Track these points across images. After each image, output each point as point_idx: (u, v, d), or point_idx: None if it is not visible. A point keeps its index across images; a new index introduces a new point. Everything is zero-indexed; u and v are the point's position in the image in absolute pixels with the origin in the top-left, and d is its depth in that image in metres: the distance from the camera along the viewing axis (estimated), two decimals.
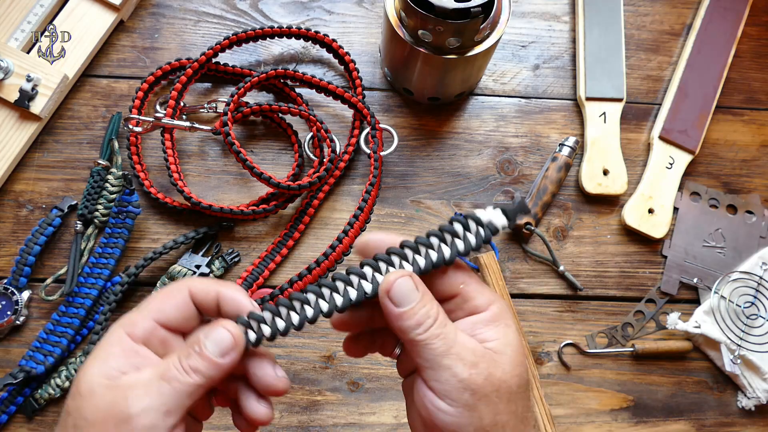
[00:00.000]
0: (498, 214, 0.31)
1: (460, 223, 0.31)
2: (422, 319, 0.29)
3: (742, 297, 0.58)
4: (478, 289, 0.32)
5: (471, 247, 0.31)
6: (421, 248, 0.31)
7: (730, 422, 0.57)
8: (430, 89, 0.60)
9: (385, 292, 0.30)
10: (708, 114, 0.64)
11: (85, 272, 0.55)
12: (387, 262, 0.31)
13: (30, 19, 0.59)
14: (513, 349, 0.30)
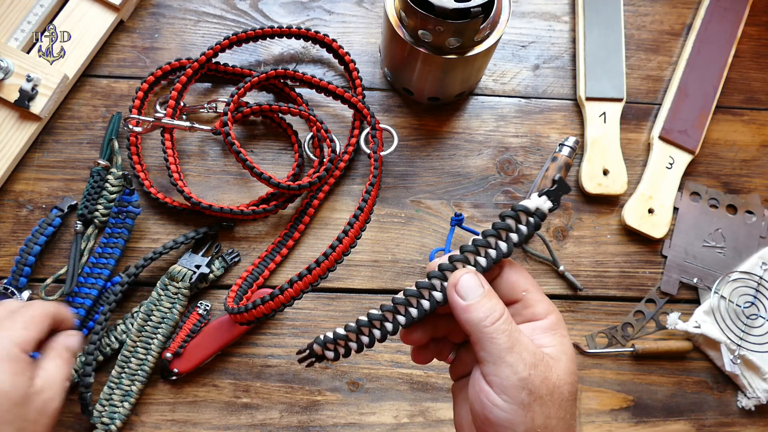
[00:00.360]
0: (543, 200, 0.33)
1: (512, 218, 0.33)
2: (488, 312, 0.31)
3: (742, 297, 0.58)
4: (539, 297, 0.33)
5: (524, 238, 0.33)
6: (480, 249, 0.33)
7: (730, 422, 0.57)
8: (430, 89, 0.60)
9: (453, 286, 0.32)
10: (708, 114, 0.64)
11: (85, 272, 0.55)
12: (451, 270, 0.33)
13: (30, 19, 0.59)
14: (568, 357, 0.32)
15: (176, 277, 0.55)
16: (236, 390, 0.55)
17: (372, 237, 0.59)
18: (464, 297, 0.31)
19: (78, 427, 0.53)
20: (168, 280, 0.55)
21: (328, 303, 0.57)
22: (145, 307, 0.54)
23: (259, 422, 0.54)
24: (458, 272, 0.32)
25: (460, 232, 0.59)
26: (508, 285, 0.34)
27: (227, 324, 0.54)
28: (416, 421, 0.55)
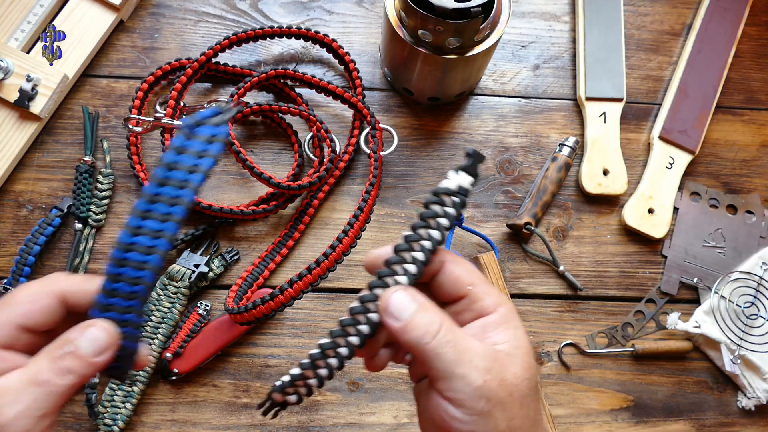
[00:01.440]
0: (462, 176, 0.32)
1: (436, 203, 0.31)
2: (426, 326, 0.29)
3: (742, 297, 0.58)
4: (486, 290, 0.31)
5: (453, 219, 0.31)
6: (413, 245, 0.31)
7: (730, 422, 0.57)
8: (430, 89, 0.60)
9: (383, 312, 0.30)
10: (708, 114, 0.64)
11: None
12: (382, 286, 0.31)
13: (30, 19, 0.59)
14: (523, 351, 0.30)
15: (175, 276, 0.55)
16: (236, 390, 0.55)
17: (372, 237, 0.59)
18: (398, 317, 0.29)
19: (78, 428, 0.53)
20: (167, 279, 0.55)
21: (328, 303, 0.57)
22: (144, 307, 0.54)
23: (259, 422, 0.54)
24: (386, 293, 0.30)
25: (460, 232, 0.59)
26: (452, 280, 0.32)
27: (227, 324, 0.54)
28: (416, 421, 0.55)
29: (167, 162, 0.29)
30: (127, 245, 0.29)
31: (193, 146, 0.29)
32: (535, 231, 0.58)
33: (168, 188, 0.29)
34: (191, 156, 0.29)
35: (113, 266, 0.29)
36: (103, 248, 0.56)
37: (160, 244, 0.29)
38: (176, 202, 0.29)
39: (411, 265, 0.31)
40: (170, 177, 0.29)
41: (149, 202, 0.29)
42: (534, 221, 0.59)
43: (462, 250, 0.59)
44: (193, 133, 0.29)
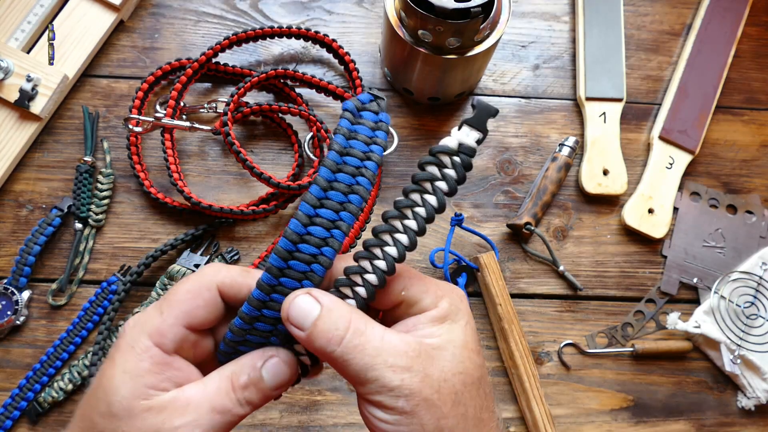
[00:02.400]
0: (465, 131, 0.27)
1: (433, 164, 0.27)
2: (330, 333, 0.26)
3: (742, 297, 0.58)
4: (423, 289, 0.29)
5: (454, 184, 0.27)
6: (405, 211, 0.27)
7: (730, 422, 0.57)
8: (430, 89, 0.60)
9: (286, 319, 0.27)
10: (708, 114, 0.64)
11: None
12: (369, 257, 0.28)
13: (30, 19, 0.59)
14: (456, 344, 0.27)
15: (175, 276, 0.55)
16: None
17: None
18: (301, 326, 0.26)
19: None
20: (167, 279, 0.55)
21: None
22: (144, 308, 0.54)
23: (259, 422, 0.54)
24: (289, 298, 0.27)
25: (460, 232, 0.59)
26: (382, 292, 0.29)
27: None
28: None
29: (339, 147, 0.27)
30: (300, 237, 0.27)
31: (361, 131, 0.27)
32: (535, 231, 0.58)
33: (343, 175, 0.27)
34: (361, 143, 0.27)
35: (279, 257, 0.27)
36: (103, 248, 0.56)
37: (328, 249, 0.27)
38: (354, 191, 0.27)
39: (402, 235, 0.27)
40: (346, 162, 0.27)
41: (324, 189, 0.27)
42: (534, 221, 0.59)
43: (462, 250, 0.59)
44: (358, 117, 0.28)
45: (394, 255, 0.27)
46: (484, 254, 0.56)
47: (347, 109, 0.28)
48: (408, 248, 0.27)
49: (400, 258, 0.27)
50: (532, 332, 0.58)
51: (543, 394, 0.53)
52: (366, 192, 0.27)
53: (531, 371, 0.54)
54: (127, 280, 0.54)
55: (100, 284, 0.55)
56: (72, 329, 0.54)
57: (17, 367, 0.53)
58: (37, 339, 0.54)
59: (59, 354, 0.53)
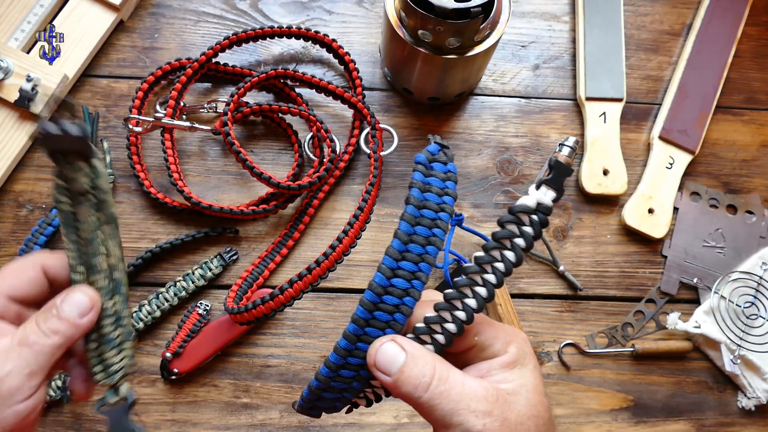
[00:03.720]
0: (543, 191, 0.29)
1: (512, 222, 0.29)
2: (417, 380, 0.28)
3: (742, 297, 0.58)
4: (493, 334, 0.31)
5: (531, 241, 0.29)
6: (485, 267, 0.29)
7: (730, 422, 0.57)
8: (430, 89, 0.60)
9: (372, 365, 0.29)
10: (708, 114, 0.64)
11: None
12: (449, 309, 0.29)
13: (30, 19, 0.59)
14: (528, 389, 0.30)
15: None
16: (236, 390, 0.55)
17: (372, 237, 0.59)
18: (388, 372, 0.28)
19: (78, 428, 0.53)
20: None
21: (328, 303, 0.57)
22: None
23: (259, 422, 0.54)
24: (374, 343, 0.29)
25: (459, 232, 0.59)
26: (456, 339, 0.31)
27: (227, 324, 0.54)
28: (416, 421, 0.55)
29: (416, 201, 0.29)
30: (384, 290, 0.29)
31: (434, 183, 0.30)
32: None
33: (421, 228, 0.29)
34: (435, 194, 0.30)
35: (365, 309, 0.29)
36: None
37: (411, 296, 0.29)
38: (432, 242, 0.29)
39: (482, 288, 0.29)
40: (423, 215, 0.29)
41: (405, 243, 0.29)
42: None
43: (462, 250, 0.59)
44: (430, 169, 0.30)
45: (474, 306, 0.29)
46: None
47: (420, 162, 0.30)
48: (487, 300, 0.29)
49: (479, 309, 0.29)
50: (532, 332, 0.58)
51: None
52: (441, 243, 0.29)
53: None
54: None
55: None
56: None
57: None
58: None
59: None
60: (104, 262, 0.32)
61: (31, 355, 0.30)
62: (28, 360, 0.30)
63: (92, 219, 0.32)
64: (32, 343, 0.30)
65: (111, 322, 0.33)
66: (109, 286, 0.33)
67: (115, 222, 0.33)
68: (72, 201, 0.31)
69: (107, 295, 0.33)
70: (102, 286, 0.32)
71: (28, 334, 0.31)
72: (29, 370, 0.30)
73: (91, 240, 0.32)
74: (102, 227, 0.32)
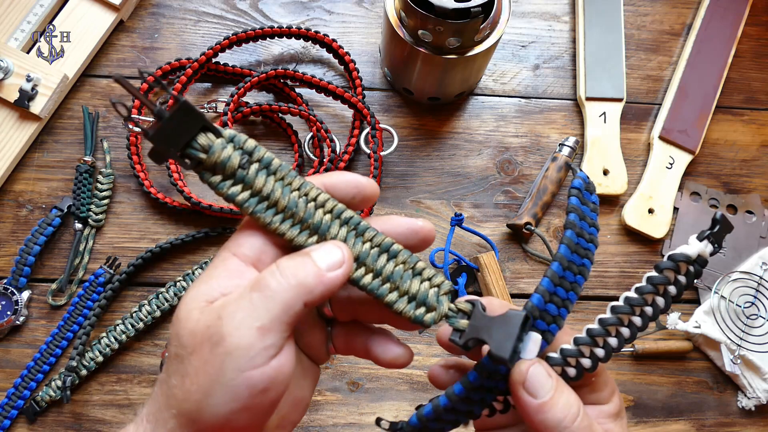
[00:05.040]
0: (704, 244, 0.28)
1: (671, 269, 0.28)
2: (566, 410, 0.26)
3: (742, 297, 0.58)
4: (606, 380, 0.30)
5: (682, 290, 0.28)
6: (635, 309, 0.28)
7: (730, 422, 0.57)
8: (430, 89, 0.60)
9: (520, 384, 0.27)
10: (708, 114, 0.64)
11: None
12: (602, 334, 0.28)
13: (30, 19, 0.59)
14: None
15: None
16: None
17: None
18: (536, 395, 0.26)
19: (78, 428, 0.53)
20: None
21: None
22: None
23: None
24: (523, 363, 0.27)
25: (460, 232, 0.59)
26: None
27: None
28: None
29: (577, 228, 0.30)
30: (539, 312, 0.28)
31: (588, 213, 0.31)
32: (535, 231, 0.58)
33: (576, 257, 0.29)
34: (587, 224, 0.30)
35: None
36: (103, 248, 0.56)
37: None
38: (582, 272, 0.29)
39: (625, 329, 0.28)
40: (580, 244, 0.30)
41: (564, 268, 0.28)
42: (534, 221, 0.59)
43: (462, 250, 0.59)
44: (586, 197, 0.31)
45: (615, 346, 0.28)
46: (484, 254, 0.56)
47: (578, 187, 0.31)
48: (628, 341, 0.28)
49: (618, 349, 0.28)
50: None
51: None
52: (588, 273, 0.29)
53: None
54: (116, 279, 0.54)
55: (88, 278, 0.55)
56: (63, 325, 0.54)
57: (17, 367, 0.53)
58: (36, 339, 0.54)
59: (52, 350, 0.53)
60: (322, 213, 0.27)
61: (263, 303, 0.24)
62: (259, 310, 0.24)
63: (276, 183, 0.27)
64: (264, 287, 0.24)
65: (385, 258, 0.28)
66: (351, 231, 0.27)
67: (287, 167, 0.27)
68: (240, 181, 0.26)
69: (357, 240, 0.27)
70: (341, 235, 0.27)
71: (265, 277, 0.25)
72: (260, 324, 0.24)
73: (293, 205, 0.27)
74: (289, 180, 0.27)
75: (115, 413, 0.53)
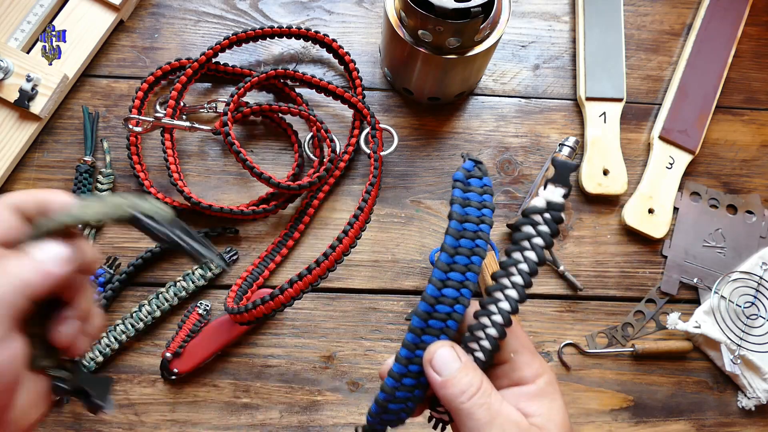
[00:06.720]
0: (551, 189, 0.30)
1: (528, 224, 0.30)
2: (465, 387, 0.29)
3: (742, 297, 0.58)
4: (528, 360, 0.32)
5: (549, 238, 0.30)
6: (510, 269, 0.30)
7: (730, 422, 0.57)
8: (430, 89, 0.60)
9: (428, 362, 0.30)
10: (708, 114, 0.64)
11: None
12: (487, 314, 0.31)
13: (30, 19, 0.59)
14: (557, 423, 0.30)
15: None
16: (236, 390, 0.55)
17: (372, 237, 0.59)
18: (440, 372, 0.30)
19: (78, 427, 0.53)
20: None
21: (328, 303, 0.57)
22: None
23: (259, 422, 0.54)
24: (433, 345, 0.30)
25: None
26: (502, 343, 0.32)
27: (227, 324, 0.54)
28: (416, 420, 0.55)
29: (458, 216, 0.31)
30: (436, 300, 0.30)
31: (473, 197, 0.32)
32: None
33: (465, 240, 0.31)
34: (474, 208, 0.32)
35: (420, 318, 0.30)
36: (103, 248, 0.56)
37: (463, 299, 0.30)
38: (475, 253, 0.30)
39: (512, 290, 0.30)
40: (466, 228, 0.31)
41: (452, 255, 0.30)
42: None
43: None
44: (467, 185, 0.32)
45: (508, 309, 0.30)
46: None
47: (458, 179, 0.32)
48: (519, 300, 0.30)
49: (514, 310, 0.30)
50: (532, 332, 0.58)
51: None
52: (485, 253, 0.31)
53: None
54: (116, 279, 0.54)
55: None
56: None
57: None
58: None
59: None
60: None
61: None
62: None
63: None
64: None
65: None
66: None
67: None
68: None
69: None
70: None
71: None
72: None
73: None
74: None
75: (115, 413, 0.53)
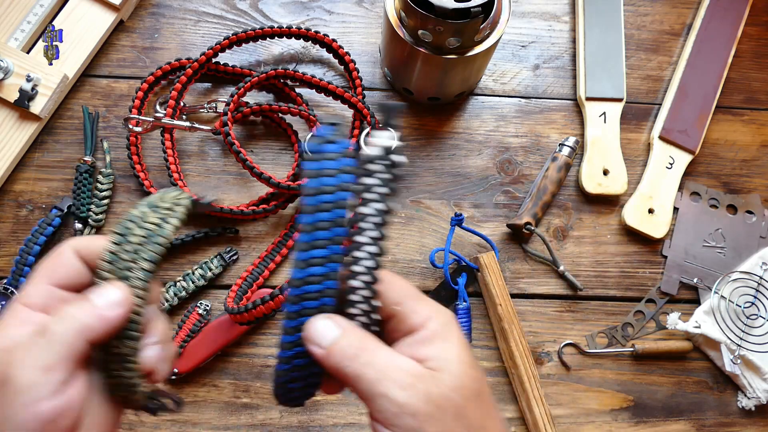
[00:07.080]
0: (378, 136, 0.29)
1: (364, 175, 0.29)
2: (347, 350, 0.29)
3: (742, 297, 0.58)
4: (413, 307, 0.31)
5: (393, 183, 0.29)
6: (359, 238, 0.29)
7: (730, 422, 0.57)
8: (430, 89, 0.60)
9: (308, 341, 0.30)
10: (708, 114, 0.64)
11: None
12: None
13: (30, 19, 0.59)
14: (452, 363, 0.30)
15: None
16: (236, 390, 0.55)
17: None
18: (320, 344, 0.29)
19: None
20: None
21: None
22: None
23: (259, 422, 0.54)
24: (310, 321, 0.30)
25: (460, 232, 0.59)
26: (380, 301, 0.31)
27: (227, 324, 0.54)
28: None
29: (315, 188, 0.29)
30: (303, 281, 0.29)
31: (328, 164, 0.29)
32: (535, 231, 0.58)
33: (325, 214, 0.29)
34: (329, 177, 0.29)
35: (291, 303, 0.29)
36: None
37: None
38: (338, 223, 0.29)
39: (370, 247, 0.30)
40: (324, 201, 0.29)
41: (310, 232, 0.29)
42: (534, 221, 0.59)
43: (462, 250, 0.59)
44: (321, 152, 0.30)
45: (372, 265, 0.30)
46: (484, 254, 0.56)
47: (310, 150, 0.30)
48: (379, 254, 0.30)
49: (378, 265, 0.30)
50: (532, 332, 0.58)
51: (543, 394, 0.53)
52: (346, 221, 0.29)
53: (531, 371, 0.54)
54: None
55: None
56: None
57: None
58: None
59: None
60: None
61: (46, 345, 0.27)
62: (43, 352, 0.27)
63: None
64: (46, 331, 0.27)
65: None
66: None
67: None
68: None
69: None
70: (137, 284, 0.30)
71: (47, 322, 0.28)
72: (43, 363, 0.26)
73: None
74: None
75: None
